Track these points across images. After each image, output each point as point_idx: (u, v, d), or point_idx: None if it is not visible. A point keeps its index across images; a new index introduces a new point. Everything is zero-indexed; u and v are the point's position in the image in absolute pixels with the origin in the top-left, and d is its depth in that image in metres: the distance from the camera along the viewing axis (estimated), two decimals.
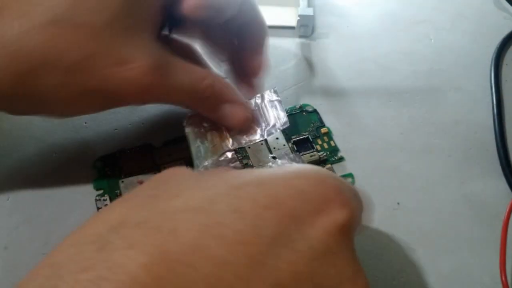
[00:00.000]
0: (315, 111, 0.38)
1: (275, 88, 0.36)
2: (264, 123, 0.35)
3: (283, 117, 0.34)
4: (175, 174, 0.24)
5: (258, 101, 0.36)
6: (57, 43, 0.26)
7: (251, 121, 0.34)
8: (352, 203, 0.22)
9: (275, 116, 0.35)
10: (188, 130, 0.34)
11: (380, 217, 0.32)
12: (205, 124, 0.34)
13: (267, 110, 0.35)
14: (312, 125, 0.37)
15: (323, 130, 0.37)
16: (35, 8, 0.26)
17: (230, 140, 0.34)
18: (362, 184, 0.34)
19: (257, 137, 0.33)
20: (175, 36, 0.34)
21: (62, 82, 0.27)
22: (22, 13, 0.26)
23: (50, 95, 0.28)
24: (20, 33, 0.26)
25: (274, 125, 0.34)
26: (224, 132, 0.34)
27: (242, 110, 0.33)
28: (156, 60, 0.29)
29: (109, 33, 0.27)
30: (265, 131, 0.34)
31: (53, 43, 0.26)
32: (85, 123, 0.37)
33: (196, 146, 0.33)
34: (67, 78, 0.27)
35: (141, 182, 0.33)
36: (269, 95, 0.35)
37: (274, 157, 0.35)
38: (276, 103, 0.35)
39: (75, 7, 0.26)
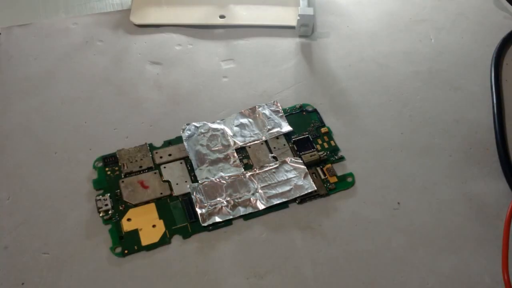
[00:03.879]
0: (315, 110, 0.38)
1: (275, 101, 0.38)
2: (265, 127, 0.36)
3: (285, 125, 0.36)
4: None
5: (260, 109, 0.37)
6: None
7: None
8: None
9: (276, 123, 0.37)
10: None
11: (380, 217, 0.32)
12: None
13: (268, 119, 0.37)
14: (312, 124, 0.37)
15: (323, 129, 0.37)
16: None
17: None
18: (362, 184, 0.34)
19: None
20: None
21: None
22: None
23: None
24: None
25: (276, 131, 0.36)
26: None
27: None
28: None
29: None
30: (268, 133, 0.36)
31: None
32: (85, 122, 0.37)
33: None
34: None
35: (141, 182, 0.33)
36: (270, 106, 0.38)
37: (274, 157, 0.35)
38: (276, 114, 0.37)
39: None
